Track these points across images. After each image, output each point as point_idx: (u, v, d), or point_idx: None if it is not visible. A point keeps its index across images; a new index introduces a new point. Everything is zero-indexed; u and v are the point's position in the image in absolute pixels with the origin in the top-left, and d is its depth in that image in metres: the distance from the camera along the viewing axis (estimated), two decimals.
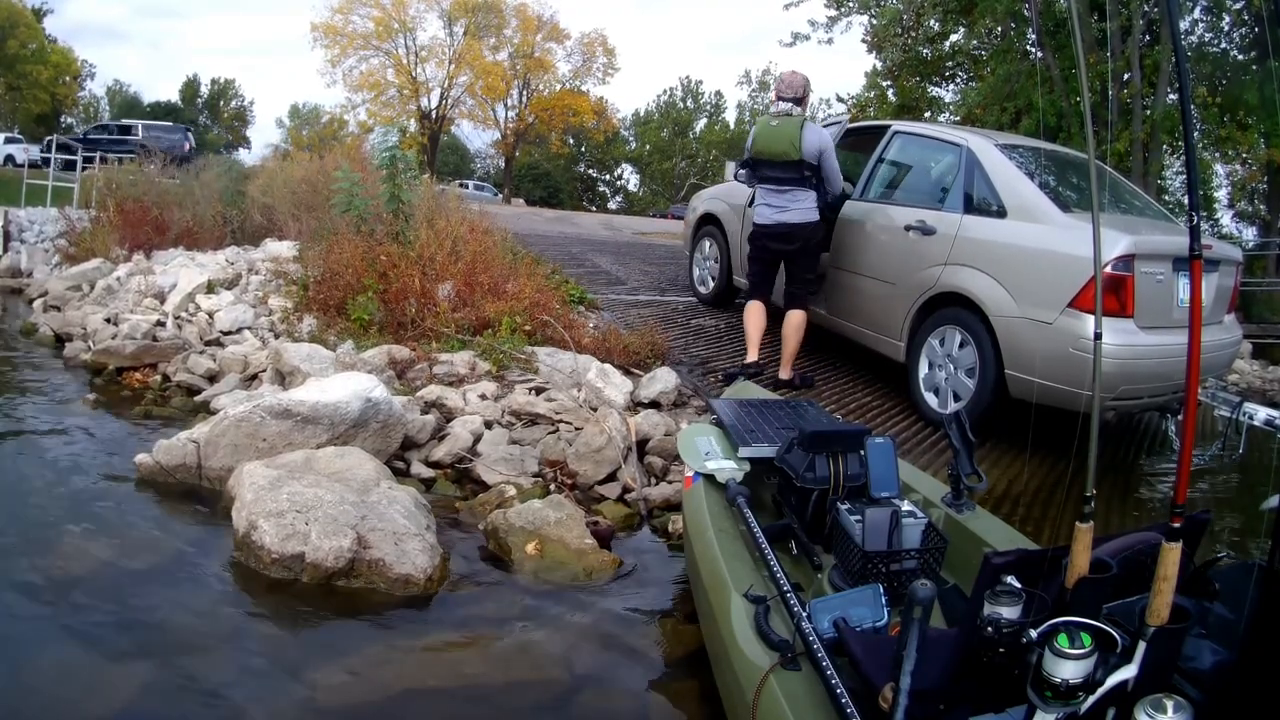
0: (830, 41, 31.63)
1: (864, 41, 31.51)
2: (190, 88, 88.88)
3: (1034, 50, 27.42)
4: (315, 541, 4.92)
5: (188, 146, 38.07)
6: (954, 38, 31.19)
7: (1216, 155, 29.75)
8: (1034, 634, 2.65)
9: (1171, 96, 25.41)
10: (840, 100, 39.00)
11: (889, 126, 10.22)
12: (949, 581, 4.24)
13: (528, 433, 7.38)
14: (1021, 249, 7.68)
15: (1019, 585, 2.81)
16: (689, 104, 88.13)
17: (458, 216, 11.95)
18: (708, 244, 12.59)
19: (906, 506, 4.39)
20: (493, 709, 4.08)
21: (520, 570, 5.37)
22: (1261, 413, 7.76)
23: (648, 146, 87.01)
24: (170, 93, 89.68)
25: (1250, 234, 37.97)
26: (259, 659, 4.28)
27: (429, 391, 7.76)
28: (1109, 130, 24.08)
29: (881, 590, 3.68)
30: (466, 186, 43.79)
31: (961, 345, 8.18)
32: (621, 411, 7.58)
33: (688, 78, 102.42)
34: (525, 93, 70.19)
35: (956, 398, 8.24)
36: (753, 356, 9.18)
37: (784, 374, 9.11)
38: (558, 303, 10.49)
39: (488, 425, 7.37)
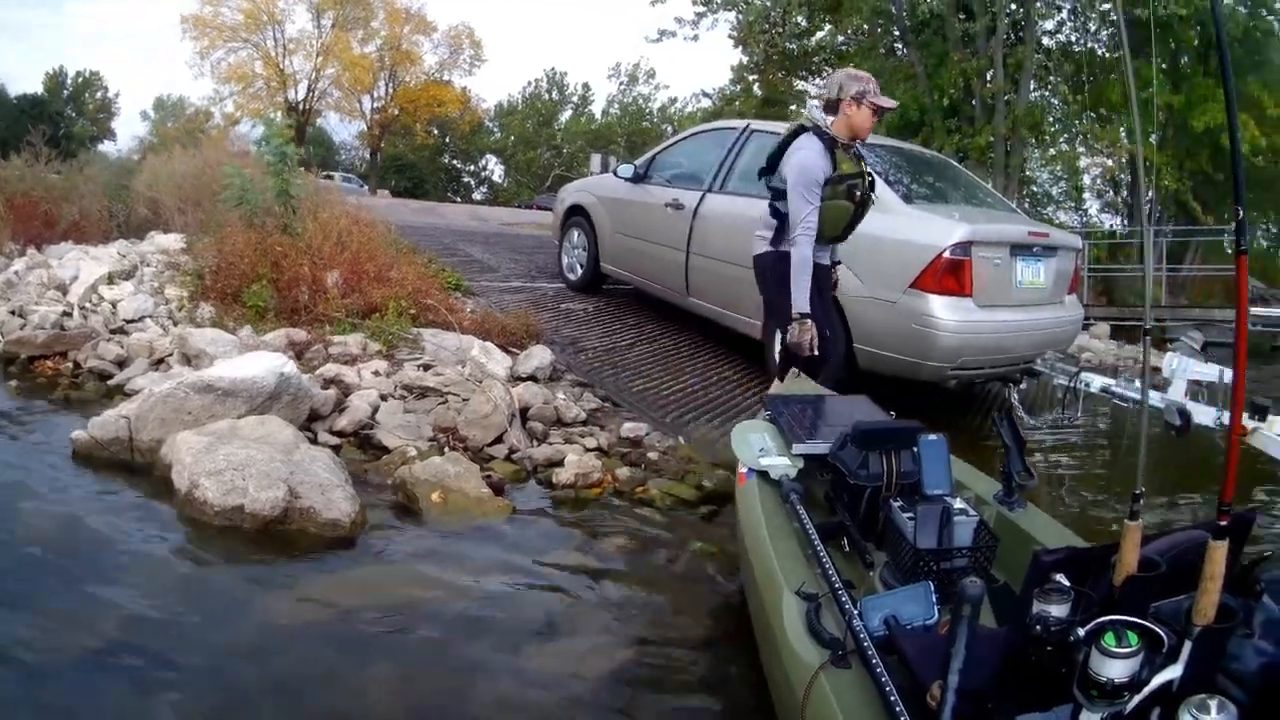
0: (696, 38, 32.06)
1: (730, 37, 31.99)
2: (54, 80, 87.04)
3: (899, 48, 28.29)
4: (253, 494, 5.49)
5: None
6: (820, 35, 31.84)
7: (1081, 150, 30.71)
8: (1081, 632, 2.65)
9: (1034, 94, 26.55)
10: (706, 95, 39.60)
11: (747, 125, 11.03)
12: (1000, 579, 4.28)
13: (419, 404, 7.87)
14: (868, 236, 8.07)
15: (1068, 583, 2.81)
16: (554, 95, 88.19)
17: (339, 209, 12.43)
18: (576, 234, 13.24)
19: (958, 504, 4.37)
20: (417, 625, 4.66)
21: (428, 516, 5.99)
22: (1097, 381, 8.33)
23: (512, 138, 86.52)
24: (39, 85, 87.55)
25: (1116, 223, 39.17)
26: (215, 596, 4.78)
27: (327, 369, 8.20)
28: (973, 125, 25.14)
29: (932, 588, 3.63)
30: (333, 178, 43.65)
31: None
32: (505, 383, 8.12)
33: (553, 69, 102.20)
34: (391, 84, 69.85)
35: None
36: None
37: None
38: (436, 289, 11.04)
39: (383, 398, 7.84)
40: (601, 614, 5.00)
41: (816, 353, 6.71)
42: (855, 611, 3.42)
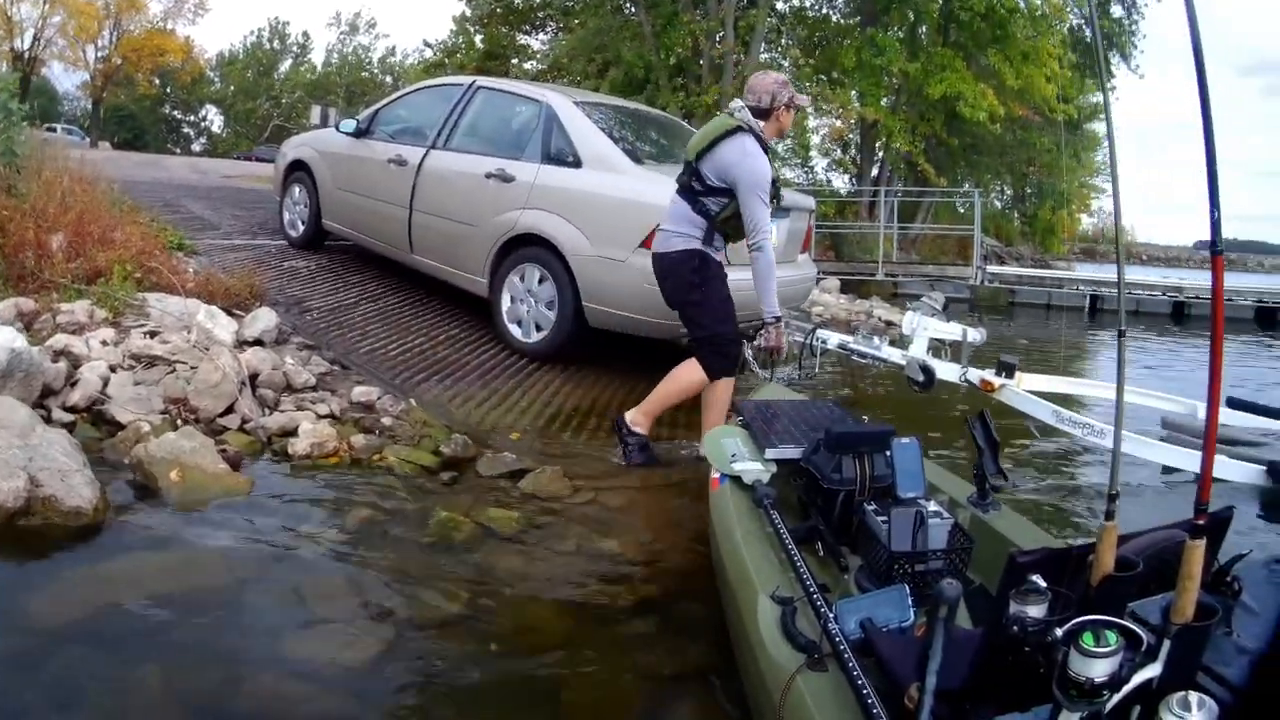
0: None
1: None
2: None
3: (628, 6, 28.57)
4: None
5: None
6: None
7: (811, 111, 31.59)
8: (1059, 633, 2.64)
9: (764, 56, 27.21)
10: (428, 45, 39.49)
11: (473, 81, 11.13)
12: (975, 581, 4.30)
13: (148, 374, 7.69)
14: (596, 196, 8.54)
15: (1044, 584, 2.79)
16: (275, 45, 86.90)
17: (63, 166, 12.00)
18: (298, 190, 13.13)
19: (932, 507, 4.42)
20: (176, 617, 4.51)
21: (169, 495, 5.82)
22: (834, 339, 8.60)
23: (232, 88, 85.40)
24: None
25: (842, 182, 40.48)
26: None
27: (56, 340, 7.88)
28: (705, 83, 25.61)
29: (908, 591, 3.67)
30: (55, 130, 42.38)
31: (541, 281, 9.07)
32: (232, 349, 8.00)
33: (275, 18, 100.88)
34: (116, 33, 68.03)
35: (539, 328, 9.19)
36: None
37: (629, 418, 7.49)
38: (159, 249, 10.78)
39: (112, 369, 7.62)
40: (355, 592, 5.01)
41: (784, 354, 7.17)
42: (831, 615, 3.48)
